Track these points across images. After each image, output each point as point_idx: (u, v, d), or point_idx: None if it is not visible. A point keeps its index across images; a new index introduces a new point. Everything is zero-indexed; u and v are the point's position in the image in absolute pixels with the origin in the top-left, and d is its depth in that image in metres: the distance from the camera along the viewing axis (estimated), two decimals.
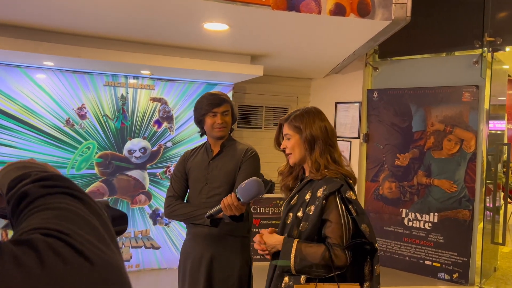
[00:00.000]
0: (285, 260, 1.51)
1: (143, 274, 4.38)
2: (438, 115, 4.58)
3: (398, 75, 4.91)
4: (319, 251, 1.48)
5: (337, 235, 1.50)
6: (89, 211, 0.47)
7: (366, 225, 1.52)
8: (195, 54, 3.87)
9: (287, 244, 1.54)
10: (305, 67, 4.75)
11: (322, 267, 1.48)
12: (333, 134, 1.68)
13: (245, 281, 2.13)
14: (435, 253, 4.53)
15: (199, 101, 2.19)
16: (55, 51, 3.28)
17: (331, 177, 1.58)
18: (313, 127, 1.63)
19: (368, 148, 5.06)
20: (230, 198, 1.76)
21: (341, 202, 1.53)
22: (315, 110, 1.71)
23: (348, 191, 1.54)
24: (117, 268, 0.44)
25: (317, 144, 1.62)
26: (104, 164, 4.20)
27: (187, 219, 2.11)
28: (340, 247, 1.49)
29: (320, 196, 1.53)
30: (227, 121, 2.16)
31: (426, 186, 4.65)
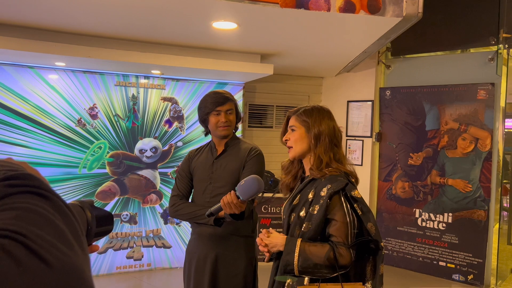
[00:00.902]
0: (288, 259, 1.48)
1: (154, 273, 4.40)
2: (452, 114, 4.49)
3: (411, 73, 4.83)
4: (323, 251, 1.46)
5: (342, 234, 1.47)
6: (55, 211, 0.45)
7: (372, 224, 1.49)
8: (205, 54, 3.87)
9: (289, 243, 1.51)
10: (316, 65, 4.71)
11: (326, 267, 1.45)
12: (339, 135, 1.66)
13: (250, 280, 2.11)
14: (449, 254, 4.44)
15: (203, 100, 2.18)
16: (66, 51, 3.31)
17: (334, 176, 1.55)
18: (322, 124, 1.61)
19: (380, 147, 4.99)
20: (230, 196, 1.74)
21: (346, 201, 1.50)
22: (325, 109, 1.70)
23: (353, 190, 1.51)
24: (78, 271, 0.42)
25: (323, 141, 1.60)
26: (116, 163, 4.23)
27: (191, 219, 2.10)
28: (345, 246, 1.46)
29: (325, 195, 1.50)
30: (231, 119, 2.14)
31: (440, 185, 4.56)
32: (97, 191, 4.15)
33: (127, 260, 4.33)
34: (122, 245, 4.30)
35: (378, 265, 1.50)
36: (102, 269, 4.21)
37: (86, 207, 0.68)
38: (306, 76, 5.29)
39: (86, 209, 0.68)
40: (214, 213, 1.80)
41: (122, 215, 4.29)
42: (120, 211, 4.28)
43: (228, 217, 1.87)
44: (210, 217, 1.85)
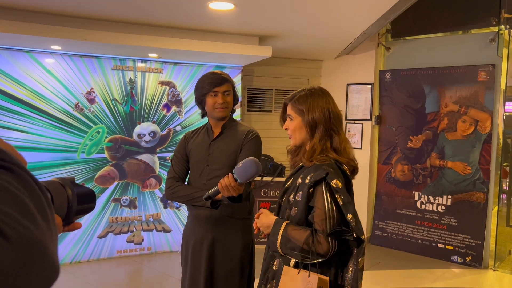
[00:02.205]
0: (272, 240, 1.53)
1: (154, 256, 4.42)
2: (452, 96, 4.46)
3: (411, 55, 4.79)
4: (303, 235, 1.45)
5: (322, 222, 1.46)
6: (20, 184, 0.44)
7: (352, 216, 1.44)
8: (203, 36, 3.82)
9: (276, 225, 1.54)
10: (315, 48, 4.66)
11: (304, 251, 1.45)
12: (337, 119, 1.60)
13: (247, 263, 2.11)
14: (448, 236, 4.46)
15: (200, 80, 2.14)
16: (62, 34, 3.27)
17: (319, 165, 1.52)
18: (316, 111, 1.56)
19: (380, 130, 4.98)
20: (227, 179, 1.72)
21: (326, 190, 1.48)
22: (320, 92, 1.63)
23: (333, 179, 1.46)
24: (40, 246, 0.41)
25: (318, 129, 1.56)
26: (114, 148, 4.22)
27: (187, 201, 2.09)
28: (323, 233, 1.45)
29: (307, 184, 1.50)
30: (229, 101, 2.11)
31: (440, 168, 4.56)
32: (96, 176, 4.15)
33: (128, 244, 4.35)
34: (122, 230, 4.31)
35: (358, 258, 1.46)
36: (102, 253, 4.23)
37: (66, 184, 0.67)
38: (305, 59, 5.24)
39: (66, 186, 0.67)
40: (211, 196, 1.79)
41: (121, 199, 4.29)
42: (119, 196, 4.28)
43: (225, 199, 1.85)
44: (207, 200, 1.83)
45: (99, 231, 4.19)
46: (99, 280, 3.84)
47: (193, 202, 2.04)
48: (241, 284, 2.09)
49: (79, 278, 3.82)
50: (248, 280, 2.13)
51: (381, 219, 4.94)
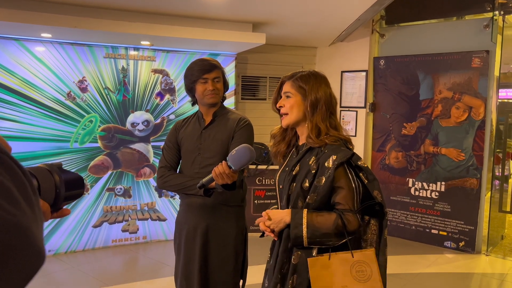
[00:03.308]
0: (296, 233, 1.45)
1: (150, 245, 4.43)
2: (446, 83, 4.46)
3: (405, 41, 4.77)
4: (331, 219, 1.43)
5: (348, 201, 1.46)
6: (2, 169, 0.43)
7: (377, 192, 1.48)
8: (196, 23, 3.77)
9: (296, 216, 1.47)
10: (310, 34, 4.63)
11: (335, 235, 1.44)
12: (335, 103, 1.62)
13: (241, 250, 2.11)
14: (441, 222, 4.50)
15: (189, 67, 2.11)
16: (52, 21, 3.21)
17: (336, 146, 1.52)
18: (319, 91, 1.56)
19: (374, 117, 4.98)
20: (221, 167, 1.71)
21: (350, 170, 1.49)
22: (322, 75, 1.64)
23: (359, 159, 1.49)
24: (23, 229, 0.40)
25: (320, 108, 1.55)
26: (108, 137, 4.18)
27: (180, 190, 2.07)
28: (351, 212, 1.45)
29: (331, 167, 1.47)
30: (219, 87, 2.08)
31: (433, 155, 4.58)
32: (89, 165, 4.12)
33: (123, 233, 4.34)
34: (117, 219, 4.30)
35: (384, 229, 1.52)
36: (98, 243, 4.23)
37: (54, 170, 0.66)
38: (299, 46, 5.20)
39: (54, 172, 0.66)
40: (205, 184, 1.78)
41: (116, 189, 4.27)
42: (113, 185, 4.26)
43: (219, 187, 1.84)
44: (201, 188, 1.82)
45: (93, 220, 4.18)
46: (95, 269, 3.84)
47: (185, 190, 2.03)
48: (235, 271, 2.09)
49: (74, 267, 3.82)
50: (242, 267, 2.14)
51: None
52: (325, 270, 1.43)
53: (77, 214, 4.09)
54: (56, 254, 4.03)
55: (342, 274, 1.43)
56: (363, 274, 1.43)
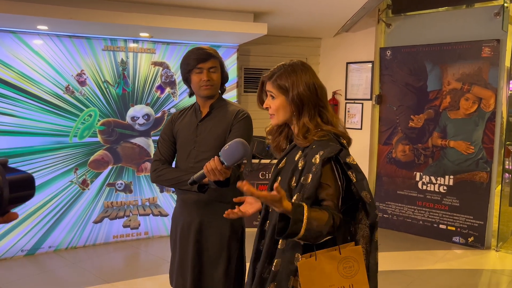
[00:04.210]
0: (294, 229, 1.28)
1: (152, 241, 4.37)
2: (455, 73, 4.32)
3: (412, 31, 4.62)
4: (324, 217, 1.33)
5: (334, 198, 1.38)
6: None
7: (366, 192, 1.38)
8: (195, 13, 3.67)
9: (298, 209, 1.30)
10: (313, 25, 4.50)
11: (327, 233, 1.34)
12: (323, 93, 1.48)
13: (236, 249, 2.02)
14: (450, 217, 4.39)
15: (185, 56, 2.01)
16: (46, 12, 3.12)
17: (324, 141, 1.41)
18: (300, 87, 1.43)
19: (381, 110, 4.85)
20: (213, 162, 1.61)
21: (336, 166, 1.39)
22: (302, 66, 1.50)
23: (348, 156, 1.38)
24: None
25: (306, 107, 1.44)
26: (107, 131, 4.11)
27: (174, 185, 1.99)
28: (336, 209, 1.37)
29: (318, 163, 1.36)
30: (214, 78, 1.97)
31: (442, 148, 4.45)
32: (89, 160, 4.05)
33: (124, 229, 4.28)
34: (118, 214, 4.24)
35: (374, 231, 1.42)
36: (98, 239, 4.17)
37: None
38: (303, 37, 5.08)
39: None
40: (197, 180, 1.68)
41: (116, 184, 4.20)
42: (114, 180, 4.19)
43: (212, 184, 1.74)
44: (192, 185, 1.72)
45: (94, 216, 4.12)
46: (96, 265, 3.78)
47: (179, 185, 1.94)
48: (226, 275, 1.99)
49: (75, 263, 3.77)
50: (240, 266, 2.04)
51: (382, 200, 4.86)
52: (316, 272, 1.35)
53: (77, 209, 4.03)
54: (56, 251, 3.98)
55: (329, 272, 1.36)
56: (350, 270, 1.37)
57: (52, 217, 3.93)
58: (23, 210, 3.80)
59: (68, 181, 3.97)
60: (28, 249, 3.86)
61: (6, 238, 3.75)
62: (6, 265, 3.70)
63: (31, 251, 3.87)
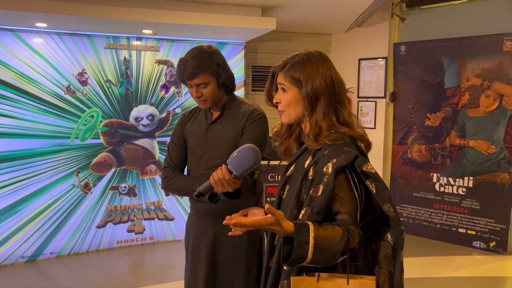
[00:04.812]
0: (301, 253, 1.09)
1: (157, 246, 4.21)
2: (474, 69, 4.09)
3: (428, 25, 4.41)
4: (337, 235, 1.13)
5: (350, 211, 1.17)
6: None
7: (389, 205, 1.16)
8: (200, 8, 3.50)
9: (302, 229, 1.11)
10: (324, 20, 4.31)
11: (340, 254, 1.14)
12: (341, 88, 1.29)
13: (254, 263, 1.84)
14: (469, 220, 4.17)
15: (177, 66, 1.83)
16: (43, 8, 2.98)
17: (339, 145, 1.21)
18: (316, 79, 1.25)
19: (395, 108, 4.65)
20: (221, 171, 1.41)
21: (352, 174, 1.19)
22: (319, 56, 1.31)
23: (365, 163, 1.17)
24: None
25: (320, 102, 1.25)
26: (110, 133, 3.96)
27: (186, 194, 1.81)
28: (354, 224, 1.16)
29: (330, 173, 1.17)
30: (205, 93, 1.77)
31: (460, 148, 4.23)
32: (92, 163, 3.90)
33: (128, 233, 4.13)
34: (122, 219, 4.09)
35: (399, 250, 1.19)
36: (102, 244, 4.03)
37: None
38: (313, 33, 4.88)
39: None
40: (203, 192, 1.48)
41: (120, 187, 4.05)
42: (118, 183, 4.04)
43: (221, 195, 1.55)
44: (198, 197, 1.52)
45: (97, 221, 3.97)
46: (99, 272, 3.64)
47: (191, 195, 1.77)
48: (248, 284, 1.82)
49: (77, 270, 3.63)
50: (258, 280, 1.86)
51: (397, 202, 4.65)
52: None
53: (79, 214, 3.89)
54: (58, 257, 3.84)
55: None
56: None
57: (53, 222, 3.79)
58: (24, 216, 3.67)
59: (70, 184, 3.82)
60: (29, 255, 3.72)
61: (6, 244, 3.62)
62: (6, 272, 3.57)
63: (32, 257, 3.74)
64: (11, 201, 3.62)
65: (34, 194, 3.69)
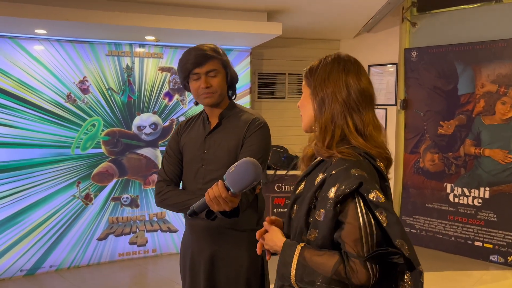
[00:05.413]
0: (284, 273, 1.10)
1: (160, 259, 4.08)
2: (489, 74, 3.93)
3: (440, 30, 4.26)
4: (330, 262, 1.03)
5: (356, 242, 1.03)
6: None
7: (402, 241, 1.01)
8: (204, 13, 3.40)
9: (287, 250, 1.11)
10: (332, 25, 4.18)
11: (333, 282, 1.03)
12: (362, 95, 1.17)
13: (256, 284, 1.70)
14: (486, 233, 3.98)
15: (181, 58, 1.69)
16: (41, 14, 2.88)
17: (349, 165, 1.07)
18: (327, 82, 1.15)
19: (406, 115, 4.49)
20: (217, 188, 1.28)
21: (361, 202, 1.05)
22: (340, 58, 1.21)
23: (372, 191, 1.03)
24: None
25: (329, 105, 1.14)
26: (112, 142, 3.85)
27: (181, 210, 1.68)
28: (359, 258, 1.02)
29: (332, 199, 1.05)
30: (214, 84, 1.64)
31: (475, 157, 4.05)
32: (93, 173, 3.79)
33: (130, 246, 4.00)
34: (123, 231, 3.96)
35: None
36: (103, 257, 3.90)
37: None
38: (320, 39, 4.75)
39: None
40: (197, 211, 1.35)
41: (122, 198, 3.93)
42: (119, 194, 3.92)
43: (218, 214, 1.41)
44: (192, 216, 1.38)
45: (98, 233, 3.85)
46: (100, 286, 3.51)
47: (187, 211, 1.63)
48: None
49: (78, 284, 3.50)
50: None
51: (409, 214, 4.47)
52: None
53: (80, 226, 3.77)
54: (58, 270, 3.72)
55: None
56: None
57: (53, 234, 3.67)
58: (23, 227, 3.56)
59: (70, 195, 3.71)
60: (28, 268, 3.60)
61: (4, 257, 3.51)
62: (4, 286, 3.46)
63: (31, 270, 3.62)
64: (10, 212, 3.51)
65: (34, 205, 3.58)
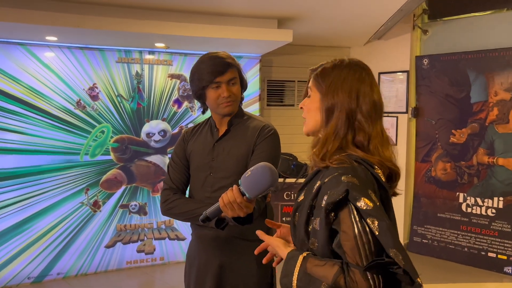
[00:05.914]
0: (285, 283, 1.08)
1: (168, 267, 4.04)
2: (503, 82, 3.87)
3: (452, 37, 4.22)
4: (330, 272, 1.00)
5: (351, 250, 0.99)
6: None
7: (395, 251, 0.96)
8: (214, 20, 3.39)
9: (290, 261, 1.08)
10: (342, 32, 4.15)
11: None
12: (374, 107, 1.11)
13: None
14: (500, 244, 3.89)
15: (196, 68, 1.66)
16: (53, 21, 2.89)
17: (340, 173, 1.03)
18: (340, 90, 1.10)
19: (417, 124, 4.43)
20: (231, 193, 1.25)
21: (354, 212, 1.01)
22: (356, 65, 1.16)
23: (359, 198, 0.99)
24: None
25: (336, 116, 1.10)
26: (121, 149, 3.84)
27: (189, 219, 1.65)
28: (359, 268, 0.98)
29: (323, 207, 1.02)
30: (235, 92, 1.64)
31: (489, 166, 3.98)
32: (101, 180, 3.78)
33: (138, 254, 3.96)
34: (131, 238, 3.93)
35: None
36: (111, 265, 3.87)
37: None
38: (330, 47, 4.73)
39: None
40: (210, 217, 1.31)
41: (130, 205, 3.91)
42: (128, 201, 3.90)
43: (231, 220, 1.38)
44: (205, 222, 1.34)
45: (106, 240, 3.82)
46: None
47: (195, 220, 1.59)
48: None
49: None
50: None
51: (420, 224, 4.39)
52: None
53: (88, 233, 3.75)
54: (65, 278, 3.70)
55: None
56: None
57: (61, 241, 3.65)
58: (30, 234, 3.55)
59: (78, 202, 3.69)
60: (35, 276, 3.58)
61: (11, 264, 3.49)
62: None
63: (38, 278, 3.60)
64: (18, 219, 3.50)
65: (42, 212, 3.57)
